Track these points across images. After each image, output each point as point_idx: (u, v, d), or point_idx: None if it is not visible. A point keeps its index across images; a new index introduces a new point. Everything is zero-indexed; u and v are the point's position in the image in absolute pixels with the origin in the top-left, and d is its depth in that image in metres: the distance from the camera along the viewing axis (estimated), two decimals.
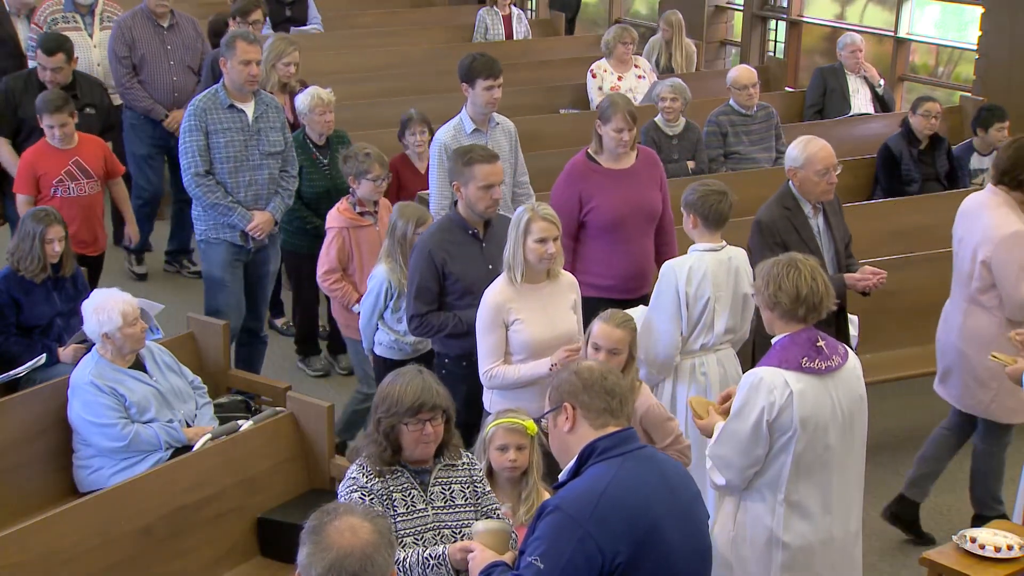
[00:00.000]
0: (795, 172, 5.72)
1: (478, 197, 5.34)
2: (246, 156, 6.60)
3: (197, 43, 8.69)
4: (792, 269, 4.19)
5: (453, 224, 5.47)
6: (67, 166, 7.04)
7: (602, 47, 9.89)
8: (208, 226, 6.70)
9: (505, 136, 6.77)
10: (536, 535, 3.26)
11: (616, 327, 4.70)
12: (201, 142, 6.51)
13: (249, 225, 6.62)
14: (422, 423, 3.85)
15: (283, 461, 5.21)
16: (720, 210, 5.23)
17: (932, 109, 8.39)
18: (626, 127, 6.00)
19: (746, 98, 8.48)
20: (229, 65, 6.51)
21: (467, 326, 5.29)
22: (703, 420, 4.38)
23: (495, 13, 12.03)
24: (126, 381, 5.36)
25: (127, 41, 8.43)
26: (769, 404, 4.06)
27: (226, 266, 6.75)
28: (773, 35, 12.68)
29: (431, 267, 5.36)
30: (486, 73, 6.54)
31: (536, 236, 4.95)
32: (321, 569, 2.74)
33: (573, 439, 3.40)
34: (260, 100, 6.69)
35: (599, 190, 6.00)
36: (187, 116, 6.56)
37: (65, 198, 7.01)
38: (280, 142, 6.75)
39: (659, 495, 3.29)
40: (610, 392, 3.40)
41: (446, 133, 6.62)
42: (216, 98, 6.56)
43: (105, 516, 4.58)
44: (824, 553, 4.25)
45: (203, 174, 6.54)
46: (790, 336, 4.17)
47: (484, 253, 5.43)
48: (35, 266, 5.99)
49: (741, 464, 4.14)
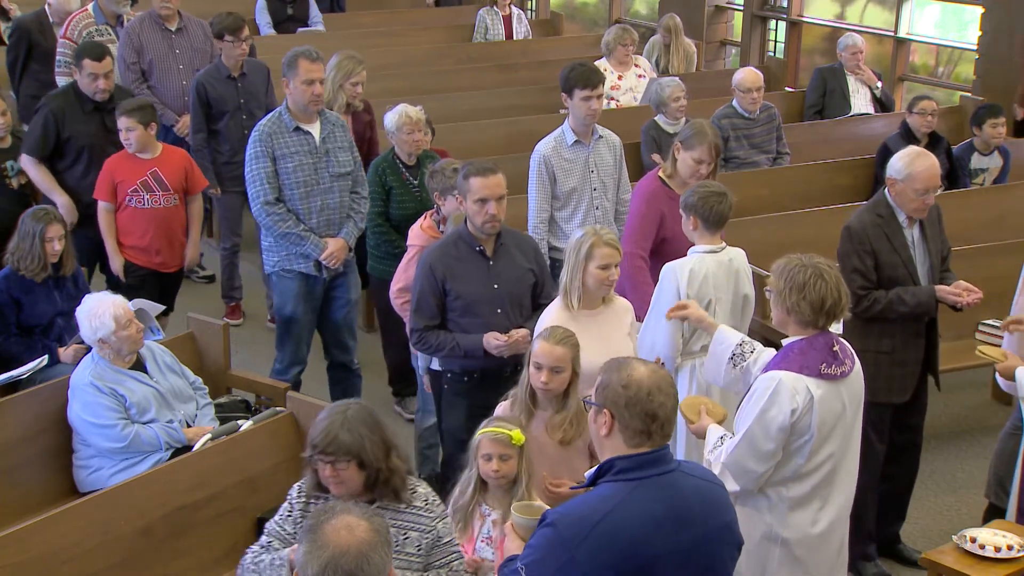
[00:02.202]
0: (894, 183, 5.36)
1: (474, 212, 5.17)
2: (316, 180, 6.23)
3: (206, 46, 8.50)
4: (818, 279, 4.12)
5: (460, 239, 5.29)
6: (144, 176, 6.79)
7: (602, 47, 9.88)
8: (280, 257, 6.30)
9: (609, 150, 6.56)
10: (530, 543, 3.25)
11: (557, 344, 4.48)
12: (269, 168, 6.15)
13: (323, 254, 6.23)
14: (325, 464, 3.72)
15: (283, 461, 5.21)
16: (720, 211, 5.22)
17: (927, 107, 8.39)
18: (708, 159, 5.77)
19: (750, 102, 8.48)
20: (292, 85, 6.17)
21: (464, 352, 5.17)
22: (695, 423, 4.37)
23: (495, 13, 12.03)
24: (126, 382, 5.36)
25: (135, 46, 8.27)
26: (792, 409, 4.05)
27: (300, 299, 6.34)
28: (773, 35, 12.68)
29: (431, 281, 5.21)
30: (583, 83, 6.33)
31: (599, 262, 4.83)
32: (317, 567, 2.74)
33: (606, 444, 3.31)
34: (325, 120, 6.33)
35: (672, 221, 5.64)
36: (252, 142, 6.20)
37: (138, 209, 6.81)
38: (349, 162, 6.38)
39: (663, 530, 3.18)
40: (652, 415, 3.23)
41: (546, 145, 6.45)
42: (280, 121, 6.21)
43: (105, 516, 4.58)
44: (821, 549, 4.27)
45: (273, 202, 6.16)
46: (807, 340, 4.15)
47: (490, 271, 5.26)
48: (35, 265, 5.99)
49: (759, 470, 4.12)
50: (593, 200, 6.46)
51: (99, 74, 7.10)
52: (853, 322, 5.33)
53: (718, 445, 4.22)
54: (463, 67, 10.95)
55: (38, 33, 8.85)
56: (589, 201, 6.46)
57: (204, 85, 7.88)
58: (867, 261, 5.34)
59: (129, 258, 6.90)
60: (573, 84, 6.35)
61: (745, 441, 4.11)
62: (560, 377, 4.48)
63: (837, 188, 8.51)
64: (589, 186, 6.46)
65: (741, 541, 3.43)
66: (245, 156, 6.26)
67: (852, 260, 5.32)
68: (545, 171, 6.40)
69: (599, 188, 6.48)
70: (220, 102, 7.91)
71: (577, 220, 6.42)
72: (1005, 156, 8.57)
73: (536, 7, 14.85)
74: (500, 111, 9.73)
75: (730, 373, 4.54)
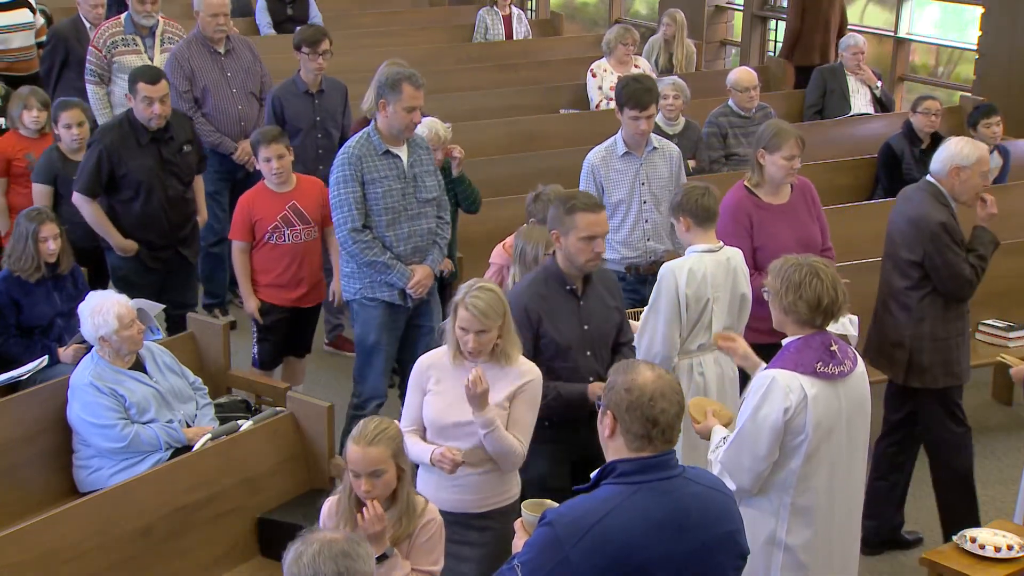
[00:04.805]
0: (959, 171, 5.41)
1: (578, 249, 4.80)
2: (404, 206, 5.90)
3: (256, 66, 8.01)
4: (814, 278, 4.11)
5: (550, 277, 4.93)
6: (283, 211, 6.34)
7: (603, 47, 9.88)
8: (363, 284, 5.96)
9: (664, 161, 6.31)
10: (529, 540, 3.25)
11: (370, 445, 3.82)
12: (358, 193, 5.81)
13: (410, 283, 5.93)
14: None
15: (283, 461, 5.21)
16: (705, 204, 5.21)
17: (932, 107, 8.39)
18: (797, 153, 5.61)
19: (747, 100, 8.48)
20: (391, 109, 5.78)
21: (566, 402, 4.84)
22: (700, 424, 4.36)
23: (495, 13, 12.04)
24: (126, 382, 5.36)
25: (186, 74, 7.71)
26: (785, 408, 4.04)
27: (384, 328, 5.99)
28: (773, 35, 12.68)
29: (527, 323, 4.82)
30: (633, 103, 6.11)
31: (458, 324, 4.39)
32: (310, 555, 2.81)
33: (610, 446, 3.30)
34: (412, 143, 6.01)
35: (762, 228, 5.60)
36: (340, 166, 5.86)
37: (278, 245, 6.36)
38: (435, 187, 6.08)
39: (660, 536, 3.15)
40: (653, 420, 3.20)
41: (596, 154, 6.26)
42: (370, 143, 5.86)
43: (105, 516, 4.58)
44: (824, 554, 4.25)
45: (360, 229, 5.83)
46: (804, 339, 4.15)
47: (581, 311, 4.94)
48: (30, 265, 5.97)
49: (755, 469, 4.11)
50: (642, 213, 6.23)
51: (154, 98, 6.50)
52: (938, 308, 5.47)
53: (720, 446, 4.22)
54: (463, 67, 10.95)
55: (74, 41, 8.57)
56: (637, 214, 6.23)
57: (280, 100, 7.54)
58: (962, 252, 5.46)
59: (265, 298, 6.42)
60: (623, 102, 6.15)
61: (739, 439, 4.11)
62: (383, 480, 3.84)
63: (837, 188, 8.51)
64: (638, 198, 6.22)
65: (746, 552, 3.38)
66: (330, 179, 5.95)
67: (950, 253, 5.39)
68: (593, 181, 6.21)
69: (649, 201, 6.23)
70: (296, 119, 7.53)
71: (623, 233, 6.22)
72: (1005, 156, 8.57)
73: (536, 7, 14.85)
74: (500, 111, 9.73)
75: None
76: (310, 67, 7.55)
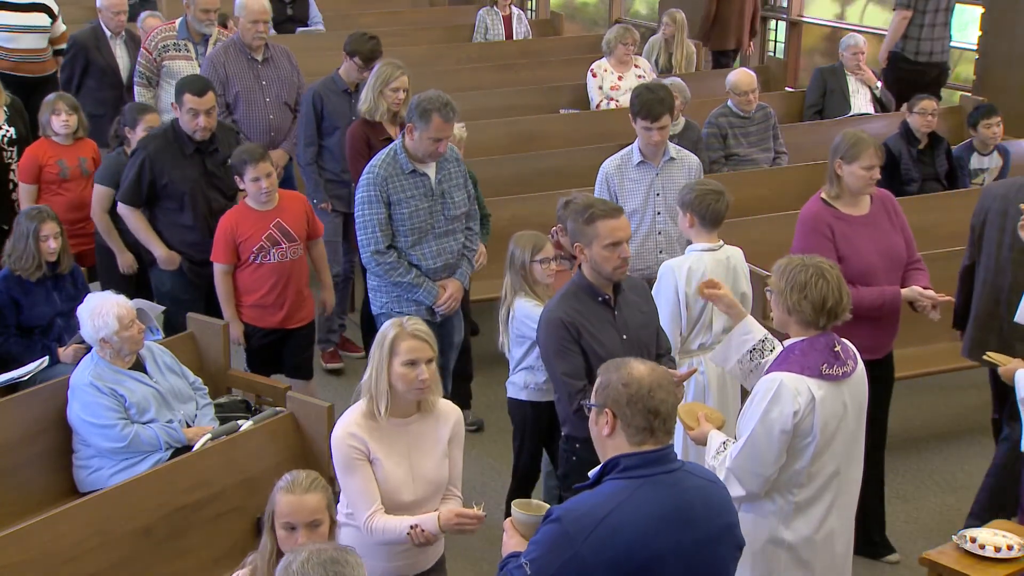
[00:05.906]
0: None
1: (604, 257, 4.65)
2: (431, 225, 5.83)
3: (293, 77, 7.86)
4: (819, 278, 4.10)
5: (580, 290, 4.76)
6: (268, 230, 6.09)
7: (603, 47, 9.89)
8: (389, 299, 5.89)
9: (683, 172, 6.16)
10: (536, 538, 3.26)
11: (306, 493, 3.54)
12: (383, 214, 5.72)
13: (440, 299, 5.87)
14: None
15: (283, 461, 5.20)
16: (717, 209, 5.22)
17: (928, 107, 8.39)
18: (877, 162, 5.38)
19: (745, 103, 8.49)
20: (417, 135, 5.71)
21: None
22: (694, 430, 4.34)
23: (495, 13, 12.04)
24: (126, 382, 5.36)
25: (220, 78, 7.52)
26: (794, 411, 4.03)
27: None
28: (773, 35, 12.69)
29: (569, 338, 4.66)
30: (644, 114, 6.01)
31: (404, 357, 4.03)
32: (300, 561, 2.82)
33: (609, 445, 3.31)
34: (441, 157, 5.89)
35: (844, 240, 5.39)
36: (364, 186, 5.76)
37: (263, 265, 6.12)
38: (464, 202, 5.98)
39: (668, 528, 3.18)
40: (654, 412, 3.23)
41: (612, 163, 6.17)
42: (396, 162, 5.77)
43: (105, 516, 4.58)
44: (825, 553, 4.26)
45: (384, 251, 5.75)
46: (808, 341, 4.14)
47: (616, 321, 4.76)
48: (31, 264, 5.98)
49: (765, 473, 4.10)
50: (656, 224, 6.10)
51: (200, 110, 6.33)
52: None
53: (721, 451, 4.20)
54: (463, 67, 10.95)
55: (95, 50, 8.52)
56: (651, 225, 6.10)
57: (320, 96, 7.42)
58: None
59: (248, 320, 6.20)
60: (636, 112, 6.07)
61: (749, 444, 4.09)
62: (319, 532, 3.55)
63: None
64: (652, 209, 6.10)
65: (742, 543, 3.43)
66: (355, 199, 5.88)
67: None
68: (607, 190, 6.11)
69: (664, 212, 6.08)
70: (333, 116, 7.42)
71: (635, 244, 5.90)
72: (1005, 156, 8.57)
73: (536, 7, 14.85)
74: (500, 111, 9.73)
75: (745, 364, 4.51)
76: (356, 75, 7.44)
